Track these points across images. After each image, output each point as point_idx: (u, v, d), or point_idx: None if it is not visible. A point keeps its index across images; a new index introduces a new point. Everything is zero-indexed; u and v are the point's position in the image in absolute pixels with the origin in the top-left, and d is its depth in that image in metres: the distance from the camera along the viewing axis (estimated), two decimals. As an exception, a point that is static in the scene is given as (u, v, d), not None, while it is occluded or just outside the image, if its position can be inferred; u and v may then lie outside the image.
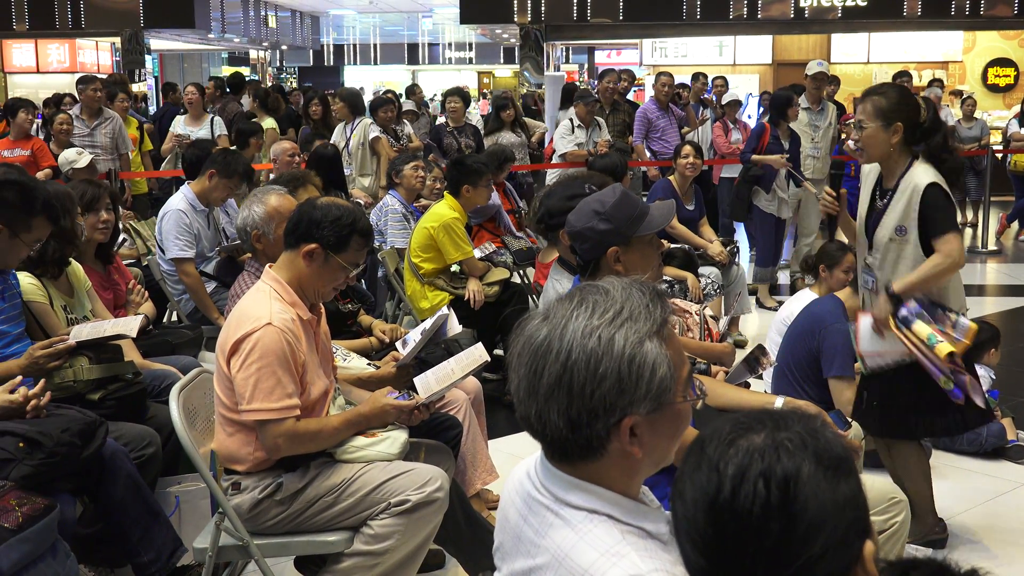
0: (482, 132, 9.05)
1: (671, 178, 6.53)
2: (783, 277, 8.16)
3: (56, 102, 11.02)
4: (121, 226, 5.49)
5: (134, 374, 3.36)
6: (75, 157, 6.49)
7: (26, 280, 3.52)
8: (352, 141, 7.98)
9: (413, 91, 12.48)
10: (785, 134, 7.45)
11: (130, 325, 3.43)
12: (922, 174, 3.44)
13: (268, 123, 8.77)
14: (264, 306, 2.76)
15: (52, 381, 3.11)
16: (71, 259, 3.78)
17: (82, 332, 3.27)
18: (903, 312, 3.44)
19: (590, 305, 1.39)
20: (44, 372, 3.10)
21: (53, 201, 3.26)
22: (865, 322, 3.60)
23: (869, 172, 3.69)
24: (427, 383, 2.97)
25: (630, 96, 11.02)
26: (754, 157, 7.41)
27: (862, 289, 3.73)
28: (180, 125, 8.94)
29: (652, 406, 1.36)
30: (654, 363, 1.36)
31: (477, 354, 3.14)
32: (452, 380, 2.99)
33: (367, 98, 11.10)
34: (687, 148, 6.50)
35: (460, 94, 9.43)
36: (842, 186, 3.68)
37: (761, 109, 7.62)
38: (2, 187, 3.17)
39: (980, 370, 4.65)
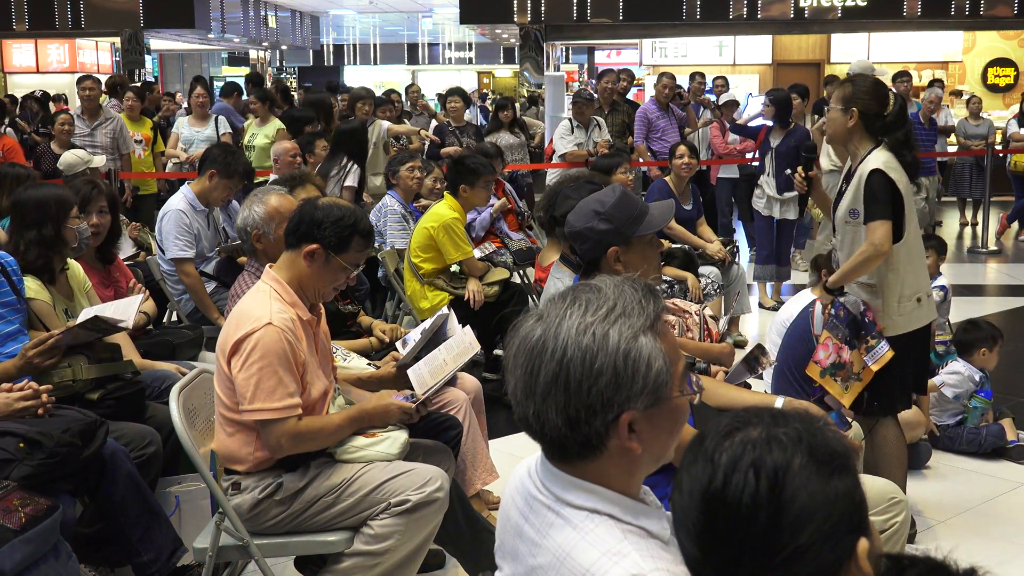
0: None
1: (667, 179, 6.53)
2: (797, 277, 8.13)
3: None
4: (124, 230, 5.50)
5: (133, 373, 3.36)
6: (88, 157, 6.42)
7: (29, 281, 3.52)
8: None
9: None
10: (777, 133, 7.43)
11: (130, 310, 3.42)
12: (873, 160, 3.57)
13: (274, 124, 8.75)
14: (264, 306, 2.76)
15: (51, 381, 3.11)
16: (69, 260, 3.77)
17: (89, 313, 3.27)
18: (833, 313, 3.65)
19: (583, 303, 1.40)
20: (39, 371, 3.10)
21: None
22: (818, 308, 3.81)
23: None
24: (420, 375, 2.99)
25: (630, 96, 11.00)
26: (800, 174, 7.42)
27: (834, 267, 3.84)
28: (184, 125, 8.88)
29: (649, 401, 1.37)
30: (649, 357, 1.37)
31: (467, 340, 3.15)
32: (446, 371, 3.00)
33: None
34: (682, 148, 6.51)
35: (461, 94, 9.45)
36: (811, 168, 3.93)
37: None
38: None
39: (965, 370, 4.66)
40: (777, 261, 7.56)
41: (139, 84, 12.66)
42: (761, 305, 7.61)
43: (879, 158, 3.56)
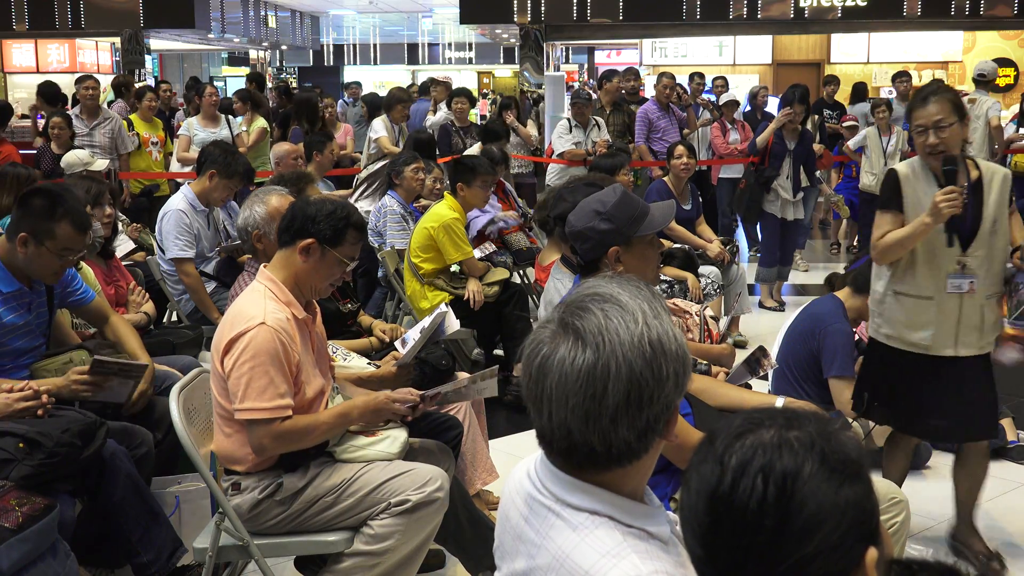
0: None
1: (666, 179, 6.53)
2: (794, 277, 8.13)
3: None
4: (120, 227, 5.50)
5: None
6: (89, 159, 6.40)
7: None
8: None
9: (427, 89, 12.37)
10: (792, 135, 7.43)
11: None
12: (995, 165, 3.48)
13: (259, 123, 8.79)
14: (258, 305, 2.75)
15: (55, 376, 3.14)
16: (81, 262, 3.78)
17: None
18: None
19: (615, 316, 1.37)
20: (77, 398, 3.10)
21: (79, 207, 3.24)
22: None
23: (910, 172, 3.44)
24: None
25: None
26: (758, 139, 7.45)
27: (948, 293, 3.42)
28: (196, 127, 8.61)
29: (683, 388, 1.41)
30: (686, 347, 1.40)
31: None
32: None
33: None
34: (680, 148, 6.51)
35: (466, 95, 9.47)
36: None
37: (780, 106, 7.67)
38: (29, 195, 3.20)
39: None
40: (782, 261, 7.59)
41: (157, 83, 12.59)
42: (762, 305, 7.61)
43: (991, 163, 3.51)
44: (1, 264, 3.19)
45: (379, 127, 8.47)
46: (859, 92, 12.12)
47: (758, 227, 7.95)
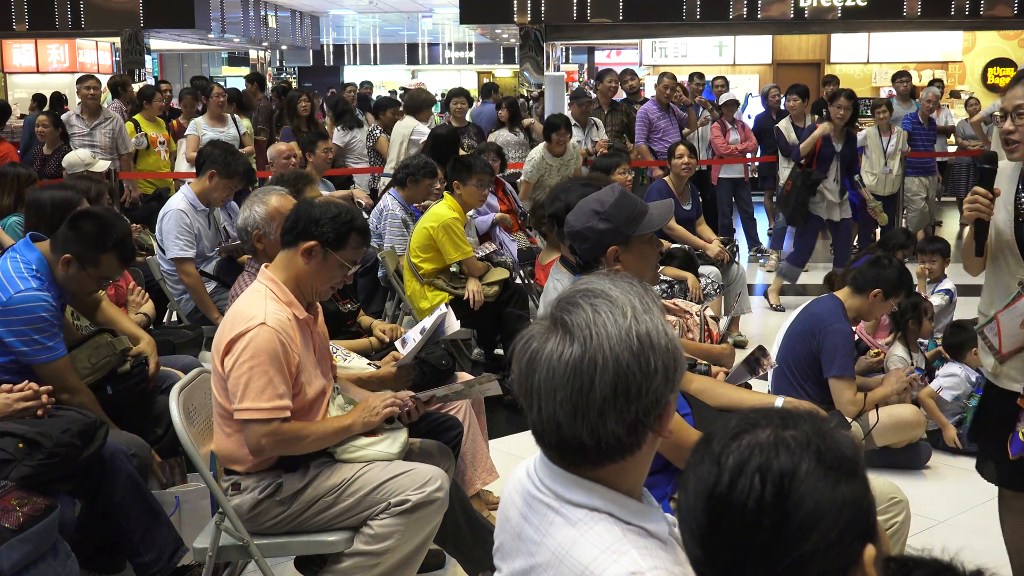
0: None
1: (667, 179, 6.53)
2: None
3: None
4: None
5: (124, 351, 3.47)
6: (90, 159, 6.40)
7: None
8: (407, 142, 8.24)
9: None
10: (839, 137, 7.43)
11: None
12: None
13: (244, 124, 8.80)
14: (259, 306, 2.76)
15: (90, 363, 3.24)
16: None
17: None
18: None
19: (605, 310, 1.38)
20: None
21: (127, 240, 3.27)
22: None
23: (1003, 172, 2.91)
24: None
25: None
26: (802, 146, 7.44)
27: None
28: (204, 127, 8.49)
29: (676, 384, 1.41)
30: (678, 343, 1.40)
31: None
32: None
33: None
34: (681, 148, 6.51)
35: (465, 95, 9.48)
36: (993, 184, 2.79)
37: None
38: (81, 217, 3.23)
39: (961, 371, 4.66)
40: (837, 262, 7.61)
41: (157, 83, 12.63)
42: (766, 296, 7.64)
43: None
44: (50, 270, 3.23)
45: (424, 129, 8.42)
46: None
47: (765, 229, 7.95)
